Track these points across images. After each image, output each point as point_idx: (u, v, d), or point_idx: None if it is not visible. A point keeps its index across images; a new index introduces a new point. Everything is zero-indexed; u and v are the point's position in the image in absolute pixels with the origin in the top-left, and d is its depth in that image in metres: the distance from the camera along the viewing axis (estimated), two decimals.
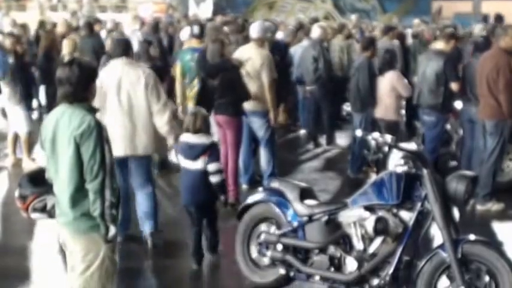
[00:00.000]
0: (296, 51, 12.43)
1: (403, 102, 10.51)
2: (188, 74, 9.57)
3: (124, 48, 7.12)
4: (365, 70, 9.57)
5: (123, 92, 6.86)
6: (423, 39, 13.27)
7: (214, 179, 6.52)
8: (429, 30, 14.55)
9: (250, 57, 8.82)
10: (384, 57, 9.69)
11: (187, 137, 6.61)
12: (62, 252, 4.60)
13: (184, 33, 11.05)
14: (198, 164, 6.53)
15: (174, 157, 7.30)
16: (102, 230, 4.35)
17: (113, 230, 4.36)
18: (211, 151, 6.56)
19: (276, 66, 9.21)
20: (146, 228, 7.13)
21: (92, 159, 4.30)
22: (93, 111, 4.46)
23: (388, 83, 9.40)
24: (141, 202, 7.14)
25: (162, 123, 6.97)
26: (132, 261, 6.77)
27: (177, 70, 9.91)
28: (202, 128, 6.59)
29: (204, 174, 6.52)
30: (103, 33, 14.57)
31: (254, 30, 9.11)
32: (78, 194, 4.37)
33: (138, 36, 13.17)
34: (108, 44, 11.39)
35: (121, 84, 6.86)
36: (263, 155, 9.29)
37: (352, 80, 9.83)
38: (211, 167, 6.52)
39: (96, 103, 5.10)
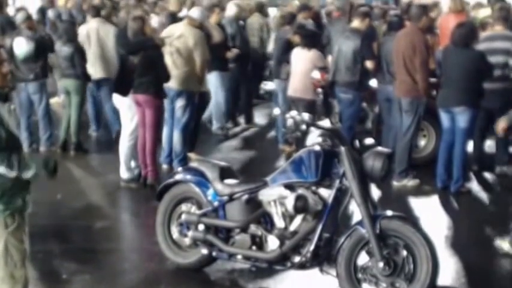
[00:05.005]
0: None
1: None
2: None
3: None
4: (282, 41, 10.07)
5: None
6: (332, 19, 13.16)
7: None
8: (337, 8, 14.32)
9: (183, 35, 8.73)
10: (306, 34, 9.73)
11: None
12: None
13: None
14: None
15: None
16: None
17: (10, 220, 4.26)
18: None
19: None
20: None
21: None
22: None
23: (309, 62, 9.43)
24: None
25: None
26: None
27: None
28: None
29: None
30: (11, 11, 14.16)
31: (195, 12, 9.06)
32: None
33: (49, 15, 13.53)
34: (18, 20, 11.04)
35: None
36: (176, 136, 9.02)
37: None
38: None
39: None
